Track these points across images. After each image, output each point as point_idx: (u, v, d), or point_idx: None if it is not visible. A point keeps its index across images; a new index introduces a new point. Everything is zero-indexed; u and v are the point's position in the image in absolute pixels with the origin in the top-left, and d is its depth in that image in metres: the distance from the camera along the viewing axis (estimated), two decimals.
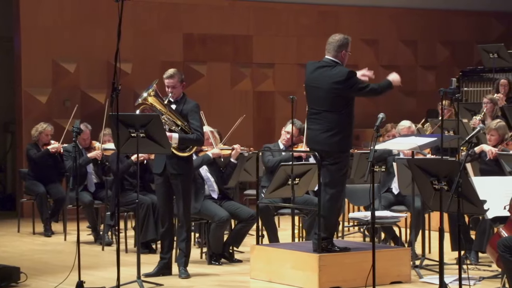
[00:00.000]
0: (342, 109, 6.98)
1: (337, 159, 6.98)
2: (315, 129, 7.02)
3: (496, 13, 15.69)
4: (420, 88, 15.14)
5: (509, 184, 6.62)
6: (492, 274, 7.38)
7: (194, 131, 7.37)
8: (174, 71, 7.47)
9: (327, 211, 7.02)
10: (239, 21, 13.68)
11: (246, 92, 13.81)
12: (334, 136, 6.93)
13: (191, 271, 7.57)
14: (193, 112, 7.42)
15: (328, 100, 6.96)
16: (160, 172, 7.46)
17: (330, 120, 6.94)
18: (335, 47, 7.10)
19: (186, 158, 7.40)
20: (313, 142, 7.10)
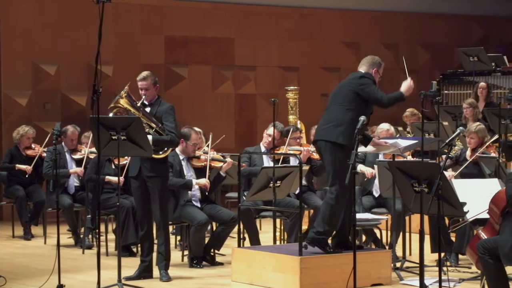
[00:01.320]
0: (351, 105, 7.04)
1: (334, 152, 6.97)
2: (320, 123, 7.14)
3: (476, 17, 15.80)
4: None
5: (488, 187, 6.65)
6: (472, 276, 7.41)
7: (169, 133, 7.36)
8: (147, 74, 7.47)
9: (327, 207, 7.00)
10: (221, 23, 13.69)
11: (227, 95, 13.81)
12: (335, 127, 6.98)
13: (172, 274, 7.55)
14: (167, 114, 7.41)
15: (341, 95, 7.12)
16: (135, 175, 7.44)
17: (333, 112, 7.05)
18: (369, 63, 7.45)
19: (161, 160, 7.37)
20: (316, 134, 7.18)
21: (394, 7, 15.15)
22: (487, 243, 5.91)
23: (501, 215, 5.95)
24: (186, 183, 8.09)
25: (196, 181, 8.13)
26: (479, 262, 6.02)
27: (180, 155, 8.23)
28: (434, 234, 7.95)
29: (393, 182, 7.20)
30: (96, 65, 6.23)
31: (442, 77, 13.52)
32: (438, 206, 5.77)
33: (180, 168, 8.17)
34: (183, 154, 8.26)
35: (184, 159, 8.25)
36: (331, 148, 6.97)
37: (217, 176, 8.36)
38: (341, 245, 7.16)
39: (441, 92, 13.16)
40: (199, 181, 8.15)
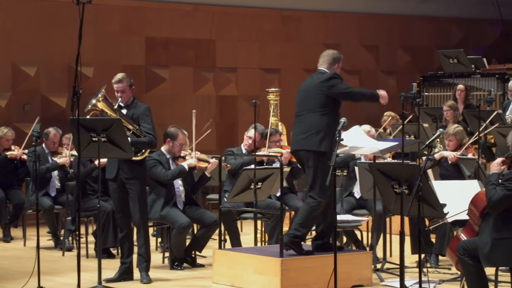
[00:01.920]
0: (323, 110, 7.02)
1: (316, 161, 6.98)
2: (296, 131, 7.09)
3: (456, 19, 15.89)
4: None
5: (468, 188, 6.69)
6: (452, 277, 7.45)
7: (146, 134, 7.34)
8: (122, 76, 7.45)
9: (306, 212, 7.02)
10: (202, 25, 13.67)
11: (208, 97, 13.80)
12: (313, 135, 6.97)
13: (153, 276, 7.53)
14: (144, 115, 7.39)
15: (311, 101, 7.05)
16: (113, 178, 7.41)
17: (310, 121, 7.01)
18: (329, 60, 7.29)
19: (139, 162, 7.36)
20: (293, 143, 7.13)
21: (375, 9, 15.21)
22: (467, 244, 5.94)
23: (481, 216, 5.98)
24: (179, 169, 8.07)
25: (186, 163, 8.11)
26: (459, 263, 6.06)
27: (166, 154, 8.22)
28: (414, 236, 7.98)
29: (374, 183, 7.22)
30: (76, 66, 6.20)
31: (422, 79, 13.57)
32: (418, 208, 5.80)
33: (168, 167, 8.16)
34: (169, 154, 8.25)
35: (170, 158, 8.24)
36: (313, 157, 6.98)
37: (202, 177, 8.36)
38: (322, 247, 7.17)
39: (421, 94, 13.21)
40: (188, 162, 8.12)
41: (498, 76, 12.79)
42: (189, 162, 8.13)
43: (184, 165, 8.11)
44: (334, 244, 6.52)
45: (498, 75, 12.81)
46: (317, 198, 6.98)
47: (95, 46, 12.54)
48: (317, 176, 6.97)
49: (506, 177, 5.83)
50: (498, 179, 5.88)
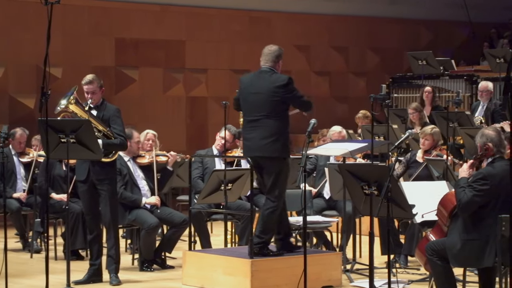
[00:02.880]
0: (281, 115, 7.02)
1: (279, 166, 7.00)
2: (255, 136, 7.02)
3: (425, 21, 16.01)
4: (351, 94, 15.33)
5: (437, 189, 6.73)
6: (421, 278, 7.50)
7: (117, 136, 7.31)
8: (92, 77, 7.41)
9: (270, 216, 7.03)
10: (172, 26, 13.64)
11: (178, 98, 13.76)
12: (276, 142, 6.96)
13: (122, 278, 7.49)
14: (114, 117, 7.37)
15: (268, 105, 6.99)
16: (83, 179, 7.37)
17: (270, 126, 6.97)
18: (273, 57, 7.18)
19: (110, 163, 7.32)
20: (253, 149, 7.05)
21: (344, 11, 15.27)
22: (436, 245, 5.98)
23: (449, 217, 6.02)
24: (135, 200, 8.05)
25: (146, 201, 8.09)
26: (427, 264, 6.09)
27: (124, 156, 8.18)
28: (383, 236, 8.03)
29: (344, 184, 7.25)
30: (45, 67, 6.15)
31: (391, 80, 13.65)
32: (387, 209, 5.83)
33: (128, 171, 8.13)
34: (128, 155, 8.22)
35: (129, 160, 8.20)
36: (277, 162, 6.99)
37: (165, 171, 8.34)
38: (285, 248, 7.17)
39: (391, 95, 13.28)
40: (149, 200, 8.11)
41: (467, 77, 12.91)
42: (151, 200, 8.10)
43: (143, 200, 8.09)
44: (304, 245, 6.53)
45: (467, 77, 12.92)
46: (276, 201, 7.02)
47: (64, 47, 12.45)
48: (279, 180, 7.01)
49: (473, 178, 5.88)
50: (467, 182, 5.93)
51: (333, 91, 15.30)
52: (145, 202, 8.09)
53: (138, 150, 8.27)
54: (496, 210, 5.77)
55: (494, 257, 5.77)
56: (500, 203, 5.79)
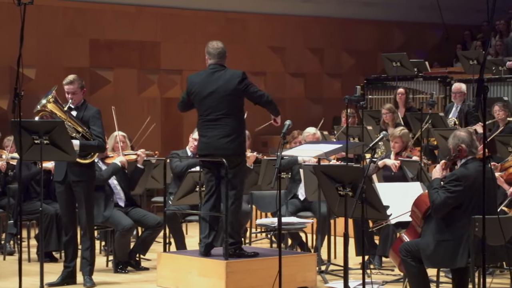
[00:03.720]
0: (238, 113, 7.05)
1: (239, 164, 7.03)
2: (214, 134, 7.02)
3: (399, 22, 16.10)
4: (326, 96, 15.37)
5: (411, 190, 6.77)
6: (395, 278, 7.53)
7: (96, 138, 7.28)
8: (74, 77, 7.38)
9: (235, 215, 7.04)
10: (146, 27, 13.60)
11: (153, 99, 13.73)
12: (235, 140, 6.99)
13: (97, 280, 7.45)
14: (94, 118, 7.34)
15: (225, 103, 7.00)
16: (61, 180, 7.33)
17: (229, 125, 6.99)
18: (221, 54, 7.21)
19: (87, 164, 7.29)
20: (212, 148, 7.05)
21: (319, 13, 15.32)
22: (410, 246, 6.02)
23: (423, 218, 6.06)
24: (113, 167, 8.01)
25: (117, 160, 8.05)
26: (401, 265, 6.13)
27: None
28: (358, 237, 8.05)
29: (318, 186, 7.27)
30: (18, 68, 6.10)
31: (366, 82, 13.71)
32: (362, 210, 5.85)
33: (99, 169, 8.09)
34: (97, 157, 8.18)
35: (99, 161, 8.16)
36: (236, 160, 7.01)
37: (136, 170, 8.32)
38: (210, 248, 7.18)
39: (365, 96, 13.34)
40: (120, 159, 8.07)
41: (440, 79, 12.99)
42: (120, 159, 8.09)
43: (116, 161, 8.07)
44: (279, 247, 6.54)
45: (440, 79, 13.01)
46: (239, 198, 7.05)
47: (38, 48, 12.37)
48: (241, 177, 7.04)
49: (447, 179, 5.93)
50: (440, 184, 5.97)
51: (308, 93, 15.33)
52: (119, 161, 8.03)
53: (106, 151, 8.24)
54: (469, 211, 5.82)
55: (467, 258, 5.82)
56: (473, 204, 5.83)
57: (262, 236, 9.99)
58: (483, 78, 5.25)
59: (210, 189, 7.16)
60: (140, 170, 8.37)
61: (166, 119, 13.81)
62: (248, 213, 8.77)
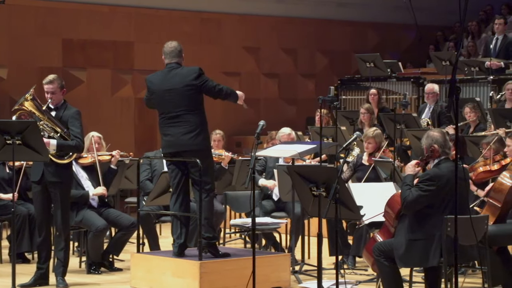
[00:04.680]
0: (198, 108, 7.06)
1: (206, 158, 7.03)
2: (177, 132, 7.03)
3: (372, 23, 16.17)
4: (300, 96, 15.41)
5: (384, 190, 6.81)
6: (368, 278, 7.57)
7: (74, 138, 7.24)
8: (53, 77, 7.34)
9: (210, 211, 7.04)
10: (120, 27, 13.54)
11: (127, 99, 13.67)
12: (198, 135, 7.00)
13: (69, 281, 7.41)
14: (73, 118, 7.30)
15: (185, 99, 7.01)
16: (37, 180, 7.28)
17: (191, 121, 7.01)
18: (178, 52, 7.21)
19: (64, 165, 7.25)
20: (176, 145, 7.06)
21: (293, 13, 15.34)
22: (383, 246, 6.05)
23: (396, 218, 6.10)
24: (83, 195, 7.98)
25: (93, 192, 8.03)
26: (375, 265, 6.16)
27: None
28: (332, 238, 8.08)
29: (292, 186, 7.28)
30: None
31: (340, 82, 13.75)
32: (335, 210, 5.87)
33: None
34: None
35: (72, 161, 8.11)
36: (204, 155, 7.02)
37: (109, 170, 8.28)
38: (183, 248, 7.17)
39: (339, 97, 13.37)
40: (96, 191, 8.05)
41: (413, 80, 13.06)
42: (98, 191, 8.05)
43: (90, 192, 8.02)
44: (252, 247, 6.54)
45: (413, 79, 13.08)
46: (210, 192, 7.06)
47: (10, 47, 12.27)
48: (209, 171, 7.05)
49: (421, 179, 5.97)
50: (413, 180, 6.01)
51: (282, 93, 15.35)
52: (92, 193, 8.00)
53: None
54: (441, 211, 5.86)
55: (439, 257, 5.86)
56: (445, 203, 5.88)
57: (236, 236, 9.99)
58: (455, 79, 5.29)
59: (177, 188, 7.15)
60: (113, 171, 8.34)
61: (140, 120, 13.76)
62: (222, 214, 8.78)
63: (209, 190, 7.07)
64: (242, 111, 13.89)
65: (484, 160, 8.00)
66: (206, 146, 7.11)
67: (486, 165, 7.55)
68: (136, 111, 13.74)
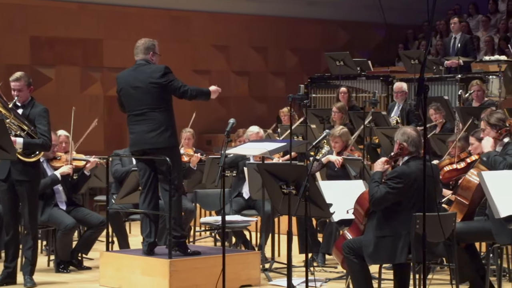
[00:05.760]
0: (165, 106, 7.01)
1: (172, 156, 6.99)
2: (142, 130, 7.00)
3: (342, 22, 16.23)
4: (270, 94, 15.42)
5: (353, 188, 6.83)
6: (338, 276, 7.59)
7: (41, 136, 7.18)
8: (20, 74, 7.27)
9: (178, 209, 7.02)
10: (89, 24, 13.46)
11: (96, 97, 13.60)
12: (164, 132, 6.96)
13: (38, 280, 7.35)
14: (40, 116, 7.24)
15: (149, 97, 6.98)
16: (4, 178, 7.21)
17: (156, 118, 6.96)
18: (143, 49, 7.18)
19: (32, 163, 7.19)
20: (142, 143, 7.03)
21: (264, 11, 15.35)
22: (352, 243, 6.07)
23: (365, 215, 6.12)
24: (51, 179, 7.89)
25: (58, 172, 7.94)
26: (344, 262, 6.18)
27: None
28: (302, 235, 8.10)
29: (262, 184, 7.29)
30: None
31: (310, 80, 13.79)
32: (305, 208, 5.88)
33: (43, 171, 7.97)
34: (42, 156, 8.06)
35: (44, 161, 8.04)
36: (170, 152, 6.98)
37: (81, 175, 8.21)
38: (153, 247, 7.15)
39: (309, 95, 13.41)
40: (61, 170, 7.95)
41: (383, 78, 13.13)
42: (61, 170, 7.95)
43: (56, 174, 7.94)
44: (222, 245, 6.53)
45: (383, 78, 13.15)
46: (178, 190, 7.02)
47: None
48: (176, 169, 7.01)
49: (389, 176, 6.00)
50: (382, 177, 6.04)
51: (252, 91, 15.36)
52: (59, 172, 7.92)
53: (54, 153, 8.10)
54: (409, 208, 5.90)
55: (407, 254, 5.90)
56: (413, 201, 5.92)
57: (206, 234, 9.98)
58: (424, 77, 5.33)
59: (145, 186, 7.13)
60: (86, 177, 8.24)
61: (109, 117, 13.69)
62: (192, 212, 8.77)
63: (177, 189, 7.04)
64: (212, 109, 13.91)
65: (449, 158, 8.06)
66: (172, 144, 7.03)
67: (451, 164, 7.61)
68: (105, 109, 13.67)
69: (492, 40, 14.27)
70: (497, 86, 11.80)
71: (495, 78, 11.83)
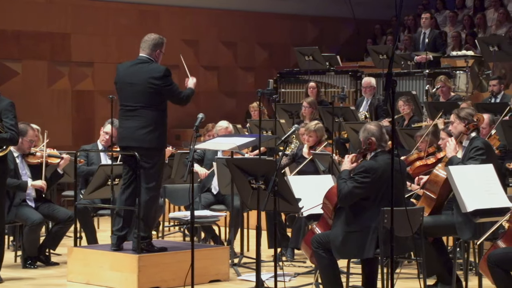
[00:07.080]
0: (158, 105, 6.96)
1: (155, 157, 6.96)
2: (131, 126, 6.94)
3: (311, 17, 16.26)
4: (240, 89, 15.42)
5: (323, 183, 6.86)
6: (307, 270, 7.62)
7: (8, 130, 7.10)
8: None
9: (148, 211, 6.98)
10: (56, 18, 13.34)
11: (64, 91, 13.50)
12: (152, 132, 6.90)
13: (4, 276, 7.29)
14: (6, 110, 7.15)
15: (144, 95, 6.93)
16: None
17: (147, 117, 6.91)
18: (151, 45, 7.10)
19: None
20: (128, 139, 6.98)
21: (232, 6, 15.33)
22: (321, 238, 6.10)
23: (334, 210, 6.15)
24: (20, 184, 7.83)
25: (32, 183, 7.89)
26: (313, 256, 6.21)
27: (14, 152, 7.95)
28: (270, 230, 8.11)
29: (231, 179, 7.28)
30: None
31: (279, 75, 13.80)
32: (274, 203, 5.89)
33: (15, 167, 7.90)
34: (18, 151, 7.99)
35: (18, 156, 7.98)
36: (154, 153, 6.95)
37: (54, 173, 8.15)
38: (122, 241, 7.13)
39: (278, 90, 13.43)
40: (35, 183, 7.91)
41: (351, 73, 13.18)
42: (37, 183, 7.89)
43: (29, 182, 7.87)
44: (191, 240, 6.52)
45: (351, 73, 13.20)
46: (155, 192, 6.98)
47: None
48: (158, 171, 6.97)
49: (356, 171, 6.03)
50: (349, 175, 6.07)
51: (221, 86, 15.34)
52: (31, 184, 7.86)
53: (29, 149, 8.02)
54: (377, 203, 5.93)
55: (375, 248, 5.93)
56: (381, 195, 5.95)
57: (175, 229, 9.96)
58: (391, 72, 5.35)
59: (125, 181, 7.09)
60: (58, 175, 8.17)
61: (77, 112, 13.59)
62: (161, 207, 8.72)
63: (153, 190, 6.98)
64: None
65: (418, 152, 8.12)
66: (158, 145, 6.95)
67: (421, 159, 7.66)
68: (73, 104, 13.57)
69: (459, 36, 14.39)
70: (464, 81, 11.91)
71: (462, 73, 11.94)
